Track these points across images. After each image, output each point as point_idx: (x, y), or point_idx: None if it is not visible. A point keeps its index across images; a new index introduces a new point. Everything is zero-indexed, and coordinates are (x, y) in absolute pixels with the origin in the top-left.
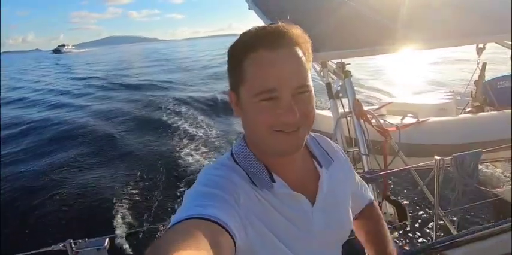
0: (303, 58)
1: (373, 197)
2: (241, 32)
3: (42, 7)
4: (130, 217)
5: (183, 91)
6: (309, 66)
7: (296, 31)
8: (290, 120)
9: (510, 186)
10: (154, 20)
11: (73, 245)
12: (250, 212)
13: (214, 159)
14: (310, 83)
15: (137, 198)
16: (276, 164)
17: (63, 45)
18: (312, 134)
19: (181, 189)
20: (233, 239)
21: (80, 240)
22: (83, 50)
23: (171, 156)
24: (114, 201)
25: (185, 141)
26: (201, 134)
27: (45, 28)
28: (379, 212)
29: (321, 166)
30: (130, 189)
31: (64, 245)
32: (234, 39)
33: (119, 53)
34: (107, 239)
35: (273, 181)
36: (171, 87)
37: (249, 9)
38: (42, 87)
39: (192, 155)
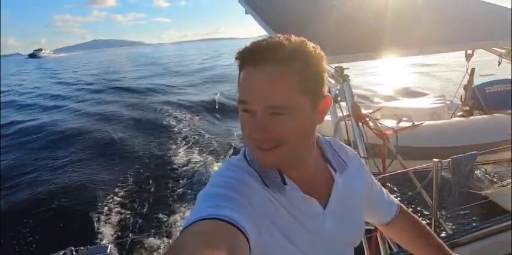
0: (287, 78)
1: (400, 206)
2: (229, 36)
3: (23, 11)
4: (132, 223)
5: (177, 94)
6: (303, 85)
7: (289, 45)
8: (257, 137)
9: (498, 188)
10: (140, 24)
11: (74, 253)
12: (262, 213)
13: (220, 163)
14: (293, 104)
15: (139, 204)
16: (288, 167)
17: (40, 49)
18: (327, 138)
19: (181, 194)
20: (247, 239)
21: (82, 248)
22: (63, 54)
23: (171, 160)
24: (114, 207)
25: (181, 144)
26: (197, 136)
27: (27, 32)
28: (413, 216)
29: (335, 171)
30: (132, 195)
31: (65, 253)
32: (221, 43)
33: (102, 58)
34: (109, 246)
35: (285, 183)
36: (164, 90)
37: (245, 13)
38: (28, 91)
39: (189, 158)
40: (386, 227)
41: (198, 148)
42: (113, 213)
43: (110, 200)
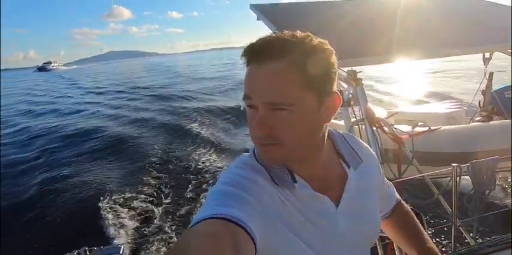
0: (289, 73)
1: (399, 197)
2: (240, 45)
3: (43, 25)
4: (147, 224)
5: (200, 100)
6: (304, 82)
7: (295, 41)
8: (256, 133)
9: None
10: (154, 35)
11: (88, 253)
12: (272, 212)
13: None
14: (294, 100)
15: (156, 205)
16: (297, 164)
17: (50, 62)
18: (341, 132)
19: (195, 197)
20: (253, 240)
21: (95, 248)
22: (74, 67)
23: (192, 162)
24: (130, 207)
25: (202, 146)
26: (217, 139)
27: (47, 45)
28: (409, 209)
29: (348, 166)
30: (149, 196)
31: (79, 253)
32: (234, 52)
33: (115, 69)
34: (122, 246)
35: (295, 181)
36: (187, 96)
37: (257, 20)
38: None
39: (209, 160)
40: (382, 221)
41: (218, 151)
42: (128, 214)
43: (126, 201)
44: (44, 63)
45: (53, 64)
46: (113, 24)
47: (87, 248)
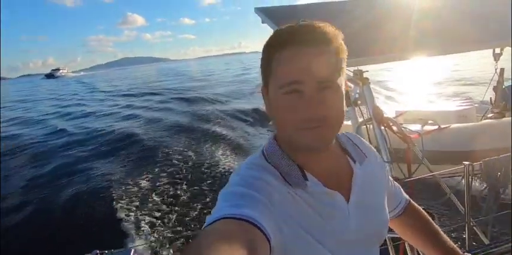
0: (332, 56)
1: (408, 197)
2: (250, 50)
3: (61, 32)
4: (155, 227)
5: (219, 103)
6: (339, 65)
7: (328, 28)
8: (311, 115)
9: None
10: (166, 41)
11: None
12: (284, 211)
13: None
14: (339, 81)
15: (168, 208)
16: (308, 161)
17: (58, 69)
18: (343, 132)
19: (208, 201)
20: (268, 238)
21: (106, 251)
22: (82, 74)
23: (209, 164)
24: (138, 210)
25: (220, 148)
26: (236, 141)
27: (64, 52)
28: (422, 209)
29: (354, 162)
30: (163, 199)
31: None
32: (244, 57)
33: (126, 74)
34: (133, 250)
35: (306, 179)
36: (206, 99)
37: (262, 23)
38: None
39: (227, 163)
40: (392, 221)
41: (233, 151)
42: (141, 217)
43: (138, 204)
44: (52, 70)
45: (61, 71)
46: (127, 31)
47: (98, 252)
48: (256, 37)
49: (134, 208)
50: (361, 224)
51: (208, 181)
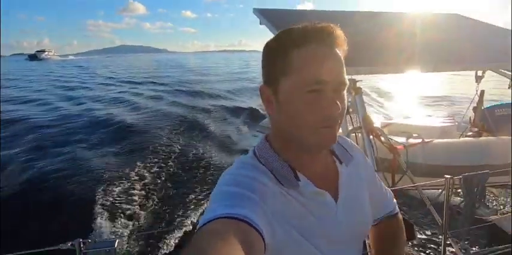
0: (342, 60)
1: (398, 210)
2: (250, 49)
3: (60, 14)
4: (142, 219)
5: (219, 98)
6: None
7: (340, 32)
8: (331, 114)
9: (506, 213)
10: (167, 32)
11: (82, 245)
12: (277, 211)
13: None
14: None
15: (153, 200)
16: (300, 162)
17: (43, 51)
18: None
19: (198, 193)
20: (262, 238)
21: (90, 240)
22: (71, 58)
23: (197, 158)
24: (127, 202)
25: (210, 144)
26: (228, 138)
27: (61, 34)
28: (402, 225)
29: (340, 163)
30: (148, 191)
31: (73, 244)
32: (244, 55)
33: (124, 63)
34: (117, 241)
35: (298, 179)
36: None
37: (260, 24)
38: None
39: (216, 158)
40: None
41: (226, 149)
42: (125, 208)
43: (122, 195)
44: (37, 51)
45: (46, 53)
46: (127, 19)
47: (81, 240)
48: (256, 36)
49: (120, 199)
50: (347, 222)
51: (194, 175)
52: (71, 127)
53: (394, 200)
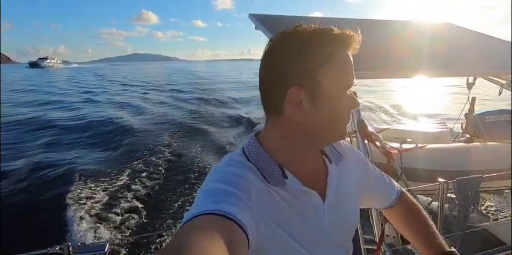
0: None
1: (400, 188)
2: (258, 58)
3: (74, 22)
4: (134, 223)
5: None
6: None
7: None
8: (355, 108)
9: (501, 220)
10: (177, 41)
11: (71, 249)
12: (262, 208)
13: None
14: None
15: (145, 204)
16: (289, 160)
17: (46, 58)
18: None
19: (190, 197)
20: (246, 234)
21: (79, 244)
22: (74, 66)
23: (191, 164)
24: (114, 205)
25: (207, 151)
26: (228, 146)
27: (76, 42)
28: (416, 201)
29: (330, 162)
30: (140, 194)
31: (61, 248)
32: (252, 64)
33: (138, 71)
34: (108, 244)
35: (285, 177)
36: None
37: (255, 29)
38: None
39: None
40: (386, 212)
41: (221, 156)
42: (117, 212)
43: (113, 198)
44: (39, 59)
45: (48, 61)
46: (140, 28)
47: (70, 244)
48: (265, 45)
49: (112, 203)
50: (334, 221)
51: (186, 179)
52: (64, 128)
53: (394, 182)
